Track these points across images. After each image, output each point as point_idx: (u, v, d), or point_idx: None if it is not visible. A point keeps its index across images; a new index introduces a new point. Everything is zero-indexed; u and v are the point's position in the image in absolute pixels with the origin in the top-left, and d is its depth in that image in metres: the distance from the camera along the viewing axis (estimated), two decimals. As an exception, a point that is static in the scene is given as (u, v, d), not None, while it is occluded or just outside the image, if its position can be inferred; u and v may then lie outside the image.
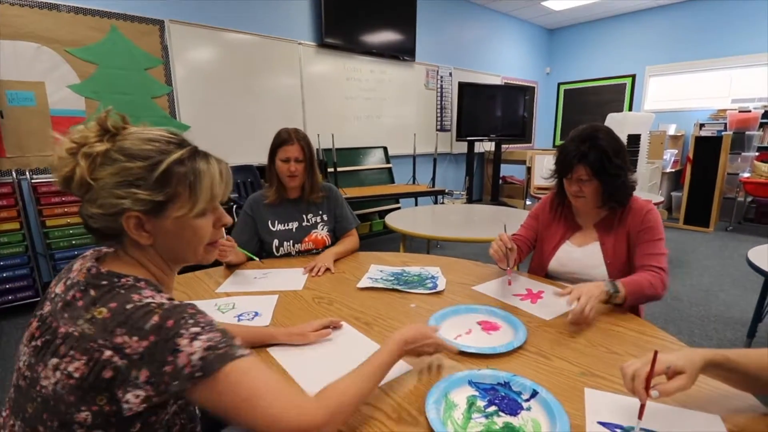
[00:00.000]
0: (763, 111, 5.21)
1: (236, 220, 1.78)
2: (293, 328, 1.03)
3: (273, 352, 0.97)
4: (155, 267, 0.69)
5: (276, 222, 1.75)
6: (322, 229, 1.79)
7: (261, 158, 4.00)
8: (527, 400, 0.78)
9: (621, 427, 0.71)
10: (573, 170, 1.28)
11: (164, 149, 0.65)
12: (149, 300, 0.59)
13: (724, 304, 2.91)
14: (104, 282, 0.61)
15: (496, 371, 0.86)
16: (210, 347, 0.57)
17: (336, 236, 1.84)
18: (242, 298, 1.31)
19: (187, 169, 0.66)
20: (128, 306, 0.58)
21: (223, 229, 1.47)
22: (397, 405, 0.78)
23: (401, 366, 0.87)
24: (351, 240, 1.82)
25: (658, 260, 1.25)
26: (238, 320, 1.14)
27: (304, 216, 1.78)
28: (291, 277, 1.50)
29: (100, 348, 0.55)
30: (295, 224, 1.76)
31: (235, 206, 3.53)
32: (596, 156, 1.24)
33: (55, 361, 0.57)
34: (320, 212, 1.80)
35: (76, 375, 0.56)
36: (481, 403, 0.77)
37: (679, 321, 2.63)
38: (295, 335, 1.01)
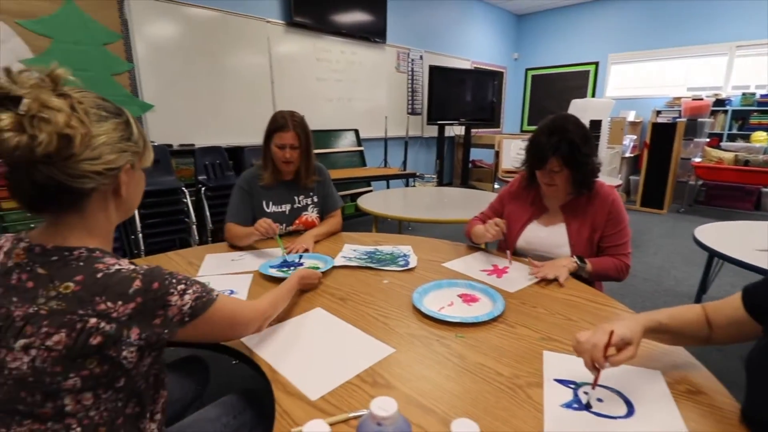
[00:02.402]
0: (714, 99, 5.53)
1: (198, 201, 1.74)
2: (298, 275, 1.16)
3: (247, 341, 0.94)
4: (106, 230, 0.71)
5: (271, 203, 1.74)
6: (312, 211, 1.81)
7: (229, 139, 3.92)
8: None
9: (574, 383, 0.79)
10: (546, 163, 1.32)
11: (119, 107, 0.69)
12: (118, 267, 0.63)
13: (675, 279, 3.13)
14: (54, 258, 0.62)
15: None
16: (197, 297, 0.69)
17: (321, 216, 1.86)
18: (217, 278, 1.32)
19: (139, 126, 0.73)
20: (99, 275, 0.60)
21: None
22: (372, 371, 0.83)
23: (385, 349, 0.92)
24: (333, 221, 1.84)
25: (624, 248, 1.39)
26: None
27: (296, 198, 1.78)
28: (269, 256, 1.52)
29: (83, 318, 0.58)
30: (288, 206, 1.77)
31: (204, 188, 3.45)
32: (567, 147, 1.28)
33: (22, 342, 0.57)
34: (311, 194, 1.81)
35: (59, 347, 0.57)
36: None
37: (634, 295, 2.82)
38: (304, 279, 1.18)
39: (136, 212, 3.04)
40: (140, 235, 3.08)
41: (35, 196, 0.61)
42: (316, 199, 1.82)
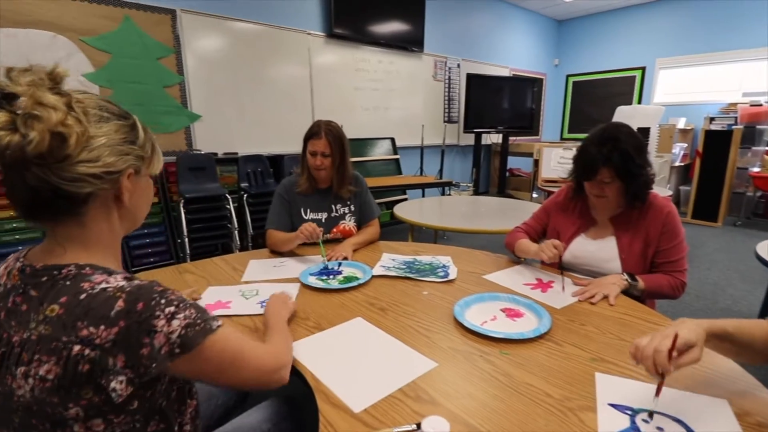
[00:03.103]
0: (774, 105, 5.15)
1: (240, 207, 1.79)
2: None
3: (297, 355, 0.94)
4: (109, 239, 0.66)
5: (308, 211, 1.78)
6: (350, 220, 1.83)
7: (270, 148, 4.04)
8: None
9: (631, 409, 0.74)
10: (597, 174, 1.26)
11: (126, 111, 0.66)
12: (103, 285, 0.57)
13: (732, 298, 2.92)
14: (44, 278, 0.58)
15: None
16: (189, 325, 0.59)
17: (359, 225, 1.88)
18: (265, 285, 1.34)
19: (148, 131, 0.69)
20: (82, 296, 0.55)
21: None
22: (415, 385, 0.82)
23: (427, 363, 0.90)
24: (371, 230, 1.85)
25: (679, 264, 1.31)
26: (261, 306, 1.16)
27: (332, 206, 1.81)
28: (309, 263, 1.54)
29: (66, 345, 0.53)
30: (325, 215, 1.79)
31: (246, 195, 3.57)
32: (620, 158, 1.22)
33: (22, 369, 0.55)
34: (348, 203, 1.83)
35: (50, 377, 0.54)
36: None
37: (687, 313, 2.65)
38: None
39: (183, 217, 3.18)
40: (186, 239, 3.21)
41: (30, 201, 0.57)
42: (353, 208, 1.84)
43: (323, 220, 1.78)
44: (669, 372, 0.68)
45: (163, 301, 0.58)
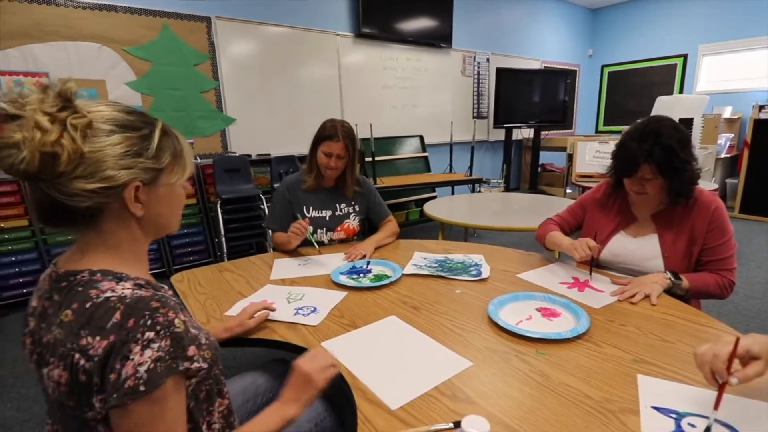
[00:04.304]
0: (833, 90, 4.79)
1: (269, 206, 1.82)
2: (230, 322, 1.06)
3: (330, 347, 0.97)
4: (131, 245, 0.67)
5: (311, 208, 1.80)
6: (354, 219, 1.85)
7: (301, 148, 4.11)
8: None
9: (675, 412, 0.72)
10: (638, 170, 1.21)
11: (146, 120, 0.65)
12: (108, 294, 0.57)
13: (784, 297, 2.75)
14: (63, 284, 0.60)
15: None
16: (159, 359, 0.54)
17: (374, 225, 1.90)
18: (313, 291, 1.32)
19: (171, 138, 0.68)
20: (88, 305, 0.56)
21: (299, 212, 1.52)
22: (451, 384, 0.83)
23: (462, 362, 0.90)
24: (390, 225, 1.88)
25: (728, 262, 1.25)
26: (295, 314, 1.17)
27: (337, 205, 1.82)
28: (332, 263, 1.56)
29: (70, 352, 0.55)
30: (329, 213, 1.81)
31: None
32: (662, 153, 1.17)
33: (45, 370, 0.59)
34: (353, 203, 1.84)
35: (62, 381, 0.56)
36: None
37: (734, 314, 2.52)
38: (234, 327, 1.04)
39: (220, 216, 3.29)
40: (224, 238, 3.33)
41: (42, 211, 0.60)
42: (357, 208, 1.85)
43: (327, 218, 1.80)
44: (725, 379, 0.65)
45: (149, 322, 0.55)
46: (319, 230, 1.79)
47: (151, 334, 0.54)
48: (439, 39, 5.00)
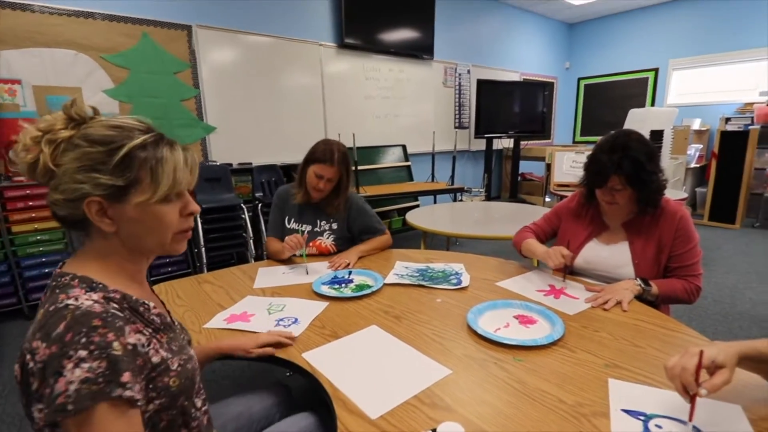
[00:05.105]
0: (793, 104, 5.05)
1: (254, 216, 1.83)
2: (235, 343, 1.03)
3: (308, 357, 0.98)
4: (120, 257, 0.68)
5: (293, 220, 1.82)
6: (328, 238, 1.82)
7: (284, 158, 4.11)
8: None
9: (644, 414, 0.75)
10: (608, 181, 1.27)
11: (128, 135, 0.63)
12: (69, 302, 0.57)
13: (751, 301, 2.87)
14: (53, 283, 0.63)
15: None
16: (87, 380, 0.51)
17: (354, 240, 1.87)
18: (294, 302, 1.32)
19: (149, 155, 0.64)
20: (51, 308, 0.57)
21: (297, 226, 1.61)
22: (431, 392, 0.84)
23: (442, 370, 0.92)
24: (380, 239, 1.86)
25: (694, 268, 1.31)
26: (276, 325, 1.17)
27: (318, 221, 1.82)
28: (316, 273, 1.57)
29: (25, 351, 0.55)
30: (308, 227, 1.81)
31: (260, 204, 3.63)
32: (630, 165, 1.23)
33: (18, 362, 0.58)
34: (332, 220, 1.82)
35: (17, 378, 0.57)
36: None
37: (704, 318, 2.61)
38: (238, 349, 1.02)
39: (200, 227, 3.25)
40: (203, 249, 3.28)
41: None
42: (335, 227, 1.82)
43: (305, 232, 1.79)
44: (694, 390, 0.68)
45: (83, 340, 0.53)
46: (305, 237, 1.79)
47: (83, 353, 0.52)
48: (420, 50, 5.09)
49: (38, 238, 2.79)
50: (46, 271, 2.83)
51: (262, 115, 4.00)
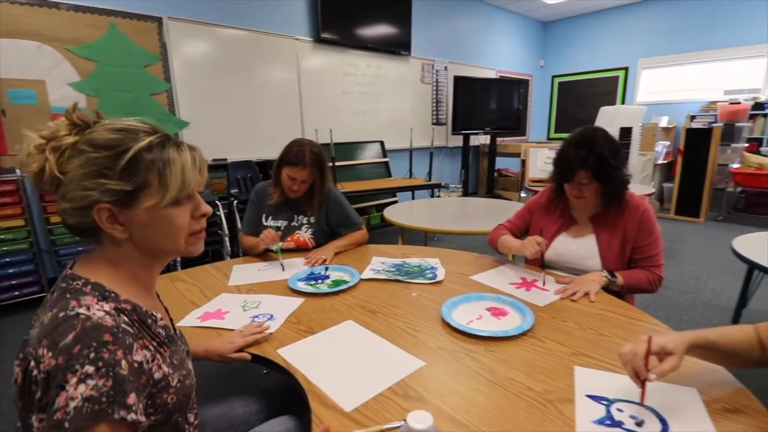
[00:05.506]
0: (753, 103, 5.30)
1: (230, 213, 1.83)
2: (211, 347, 1.00)
3: (283, 353, 0.99)
4: (134, 264, 0.67)
5: (270, 218, 1.81)
6: (306, 231, 1.81)
7: (260, 153, 4.05)
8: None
9: (606, 399, 0.78)
10: (575, 176, 1.33)
11: (133, 137, 0.62)
12: (80, 311, 0.55)
13: (712, 291, 3.01)
14: (63, 285, 0.61)
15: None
16: (91, 398, 0.50)
17: (332, 235, 1.87)
18: (269, 298, 1.32)
19: (156, 157, 0.62)
20: (61, 314, 0.55)
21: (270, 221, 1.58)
22: (404, 384, 0.86)
23: (416, 362, 0.93)
24: (356, 234, 1.86)
25: (656, 260, 1.37)
26: (252, 321, 1.16)
27: (294, 215, 1.82)
28: (292, 269, 1.56)
29: (29, 357, 0.53)
30: (285, 223, 1.81)
31: (236, 201, 3.58)
32: (596, 160, 1.28)
33: (16, 361, 0.57)
34: (309, 215, 1.82)
35: (18, 381, 0.55)
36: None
37: (669, 308, 2.72)
38: (213, 353, 1.00)
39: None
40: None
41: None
42: (312, 220, 1.82)
43: (281, 228, 1.79)
44: (645, 376, 0.72)
45: (92, 354, 0.51)
46: (279, 234, 1.78)
47: (90, 369, 0.51)
48: (398, 46, 5.09)
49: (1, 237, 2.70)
50: (11, 271, 2.75)
51: (237, 110, 3.93)
